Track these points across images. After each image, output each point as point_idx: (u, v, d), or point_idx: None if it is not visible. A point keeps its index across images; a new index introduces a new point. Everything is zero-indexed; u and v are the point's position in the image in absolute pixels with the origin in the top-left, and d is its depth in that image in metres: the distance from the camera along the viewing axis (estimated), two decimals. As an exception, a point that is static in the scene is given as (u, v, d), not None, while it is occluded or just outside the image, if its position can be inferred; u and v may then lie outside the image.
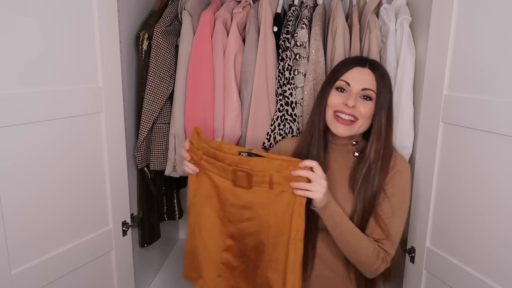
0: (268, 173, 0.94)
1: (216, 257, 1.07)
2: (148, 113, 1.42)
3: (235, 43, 1.38)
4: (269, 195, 0.96)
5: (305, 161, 0.90)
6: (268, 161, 0.94)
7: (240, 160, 0.97)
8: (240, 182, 0.98)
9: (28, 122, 0.98)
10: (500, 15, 0.91)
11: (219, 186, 1.03)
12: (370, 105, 1.00)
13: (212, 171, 1.03)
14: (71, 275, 1.17)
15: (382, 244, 0.98)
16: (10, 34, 0.92)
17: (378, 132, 1.00)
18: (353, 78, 1.01)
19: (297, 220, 0.94)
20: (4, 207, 0.95)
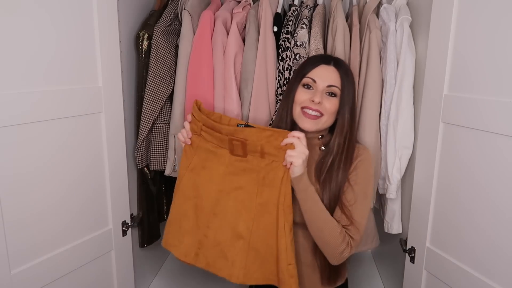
0: (259, 142, 1.01)
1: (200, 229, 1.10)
2: (148, 113, 1.42)
3: (235, 43, 1.38)
4: (260, 163, 1.03)
5: (293, 132, 0.97)
6: (260, 131, 1.01)
7: (235, 130, 1.03)
8: (236, 150, 1.05)
9: (28, 122, 0.98)
10: (500, 15, 0.91)
11: (216, 154, 1.09)
12: (334, 101, 1.06)
13: (211, 141, 1.09)
14: (71, 275, 1.17)
15: (348, 230, 1.03)
16: (10, 34, 0.92)
17: (341, 126, 1.07)
18: (319, 75, 1.06)
19: (285, 187, 1.01)
20: (4, 207, 0.95)
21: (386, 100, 1.30)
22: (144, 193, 1.57)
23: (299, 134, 0.96)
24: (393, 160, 1.30)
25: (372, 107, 1.30)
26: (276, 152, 1.01)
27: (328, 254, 1.04)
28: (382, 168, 1.34)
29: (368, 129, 1.30)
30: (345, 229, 1.02)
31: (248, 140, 1.02)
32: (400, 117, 1.27)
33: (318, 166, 1.09)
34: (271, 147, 1.01)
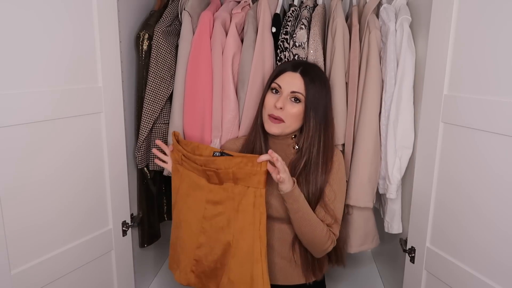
0: (230, 170, 1.05)
1: (190, 253, 1.17)
2: (149, 113, 1.42)
3: (233, 43, 1.38)
4: (235, 189, 1.08)
5: (261, 156, 1.01)
6: (230, 159, 1.05)
7: (207, 161, 1.09)
8: (212, 179, 1.10)
9: (28, 122, 0.98)
10: (500, 15, 0.91)
11: (197, 183, 1.14)
12: (299, 106, 1.12)
13: (191, 171, 1.15)
14: (71, 275, 1.17)
15: (331, 228, 1.12)
16: (10, 34, 0.92)
17: (307, 130, 1.12)
18: (284, 82, 1.13)
19: (259, 212, 1.05)
20: (4, 207, 0.95)
21: (386, 100, 1.30)
22: (144, 193, 1.57)
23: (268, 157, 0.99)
24: (393, 160, 1.30)
25: (372, 107, 1.30)
26: (247, 177, 1.04)
27: (314, 251, 1.14)
28: (382, 168, 1.34)
29: (368, 129, 1.30)
30: (329, 227, 1.11)
31: (220, 168, 1.06)
32: (400, 117, 1.27)
33: (293, 165, 1.15)
34: (242, 173, 1.05)
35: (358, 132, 1.32)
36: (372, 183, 1.34)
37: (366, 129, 1.30)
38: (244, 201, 1.06)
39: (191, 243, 1.17)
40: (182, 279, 1.20)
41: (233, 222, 1.09)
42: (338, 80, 1.31)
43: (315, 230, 1.07)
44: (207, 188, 1.12)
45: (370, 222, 1.42)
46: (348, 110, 1.34)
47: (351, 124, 1.34)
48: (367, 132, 1.30)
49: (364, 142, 1.31)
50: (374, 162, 1.32)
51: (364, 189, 1.32)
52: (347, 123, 1.34)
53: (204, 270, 1.16)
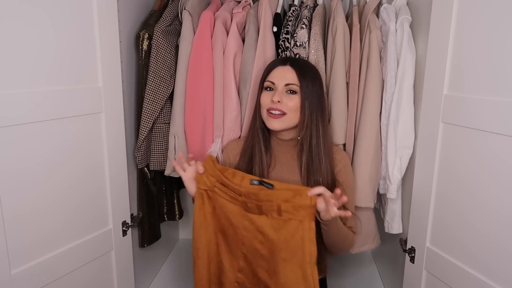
0: (276, 202, 1.01)
1: (231, 276, 1.13)
2: (149, 113, 1.42)
3: (234, 43, 1.38)
4: (278, 221, 1.03)
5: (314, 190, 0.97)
6: (276, 193, 1.02)
7: (249, 193, 1.04)
8: (251, 210, 1.06)
9: (28, 122, 0.98)
10: (500, 15, 0.91)
11: (232, 210, 1.09)
12: (295, 98, 1.12)
13: (225, 198, 1.10)
14: (71, 275, 1.17)
15: (352, 228, 1.18)
16: (10, 34, 0.92)
17: (303, 119, 1.12)
18: (276, 77, 1.13)
19: (309, 245, 1.00)
20: (4, 207, 0.95)
21: (386, 100, 1.30)
22: (144, 193, 1.57)
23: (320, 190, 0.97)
24: (394, 160, 1.30)
25: (372, 107, 1.30)
26: (294, 210, 1.00)
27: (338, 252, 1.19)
28: (382, 168, 1.34)
29: (369, 129, 1.30)
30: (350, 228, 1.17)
31: (264, 201, 1.02)
32: (400, 117, 1.27)
33: (299, 164, 1.17)
34: (289, 206, 1.00)
35: (359, 132, 1.32)
36: (373, 183, 1.33)
37: (367, 129, 1.30)
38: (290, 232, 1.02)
39: (231, 266, 1.13)
40: None
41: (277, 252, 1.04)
42: (339, 80, 1.31)
43: (345, 237, 1.13)
44: (244, 216, 1.08)
45: (371, 222, 1.42)
46: (349, 110, 1.34)
47: (352, 124, 1.34)
48: (368, 132, 1.30)
49: (365, 142, 1.31)
50: (375, 162, 1.32)
51: (365, 189, 1.32)
52: (348, 122, 1.34)
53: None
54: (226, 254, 1.14)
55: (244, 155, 1.22)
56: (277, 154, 1.21)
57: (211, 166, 1.12)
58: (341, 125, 1.33)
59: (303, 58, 1.30)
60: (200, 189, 1.13)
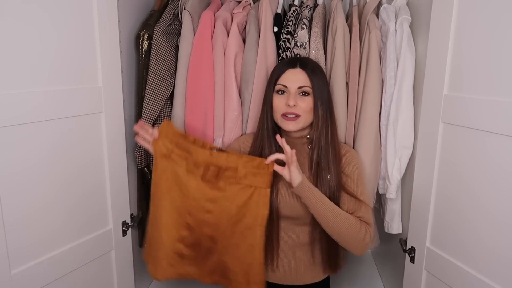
0: (236, 168, 1.07)
1: (169, 248, 1.15)
2: (149, 113, 1.42)
3: (235, 43, 1.38)
4: (234, 189, 1.08)
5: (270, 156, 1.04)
6: (238, 157, 1.07)
7: (211, 155, 1.08)
8: (209, 176, 1.09)
9: (28, 122, 0.98)
10: (500, 15, 0.91)
11: (184, 179, 1.11)
12: (308, 99, 1.13)
13: (181, 165, 1.11)
14: (71, 275, 1.17)
15: (362, 218, 1.10)
16: (10, 34, 0.92)
17: (317, 120, 1.14)
18: (288, 80, 1.14)
19: (263, 209, 1.07)
20: (4, 207, 0.95)
21: (386, 100, 1.30)
22: (144, 193, 1.57)
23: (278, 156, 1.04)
24: (393, 160, 1.30)
25: (371, 108, 1.30)
26: (252, 177, 1.06)
27: (352, 246, 1.10)
28: (382, 168, 1.34)
29: (368, 129, 1.30)
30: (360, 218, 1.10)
31: (225, 165, 1.07)
32: (400, 117, 1.27)
33: (310, 162, 1.17)
34: (248, 172, 1.06)
35: (358, 132, 1.32)
36: (372, 183, 1.34)
37: (366, 129, 1.30)
38: (244, 199, 1.07)
39: (169, 238, 1.14)
40: (160, 275, 1.18)
41: (225, 220, 1.10)
42: (339, 80, 1.31)
43: (341, 220, 1.06)
44: (196, 185, 1.10)
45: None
46: (349, 110, 1.34)
47: (351, 124, 1.34)
48: (367, 132, 1.30)
49: (364, 142, 1.31)
50: (374, 162, 1.32)
51: (364, 189, 1.32)
52: (348, 123, 1.34)
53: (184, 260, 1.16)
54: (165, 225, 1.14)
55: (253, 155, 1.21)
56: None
57: (170, 131, 1.13)
58: (340, 125, 1.32)
59: (309, 58, 1.29)
60: (155, 155, 1.13)
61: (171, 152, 1.11)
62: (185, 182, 1.11)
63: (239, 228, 1.09)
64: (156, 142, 1.12)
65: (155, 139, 1.12)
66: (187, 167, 1.11)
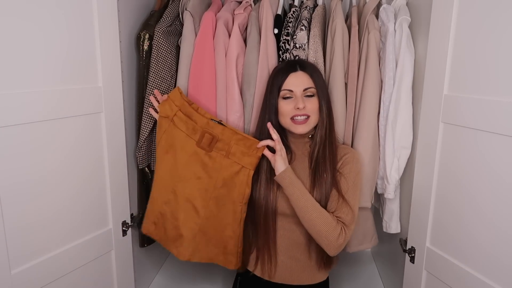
0: (229, 142, 1.13)
1: (156, 206, 1.27)
2: (149, 114, 1.42)
3: (237, 44, 1.38)
4: (223, 161, 1.15)
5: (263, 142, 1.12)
6: (233, 133, 1.13)
7: (210, 124, 1.16)
8: (203, 143, 1.16)
9: (28, 122, 0.98)
10: (500, 15, 0.91)
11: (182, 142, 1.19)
12: (314, 100, 1.18)
13: (180, 129, 1.18)
14: (71, 275, 1.16)
15: (342, 219, 1.12)
16: (10, 34, 0.92)
17: (322, 119, 1.18)
18: (293, 84, 1.17)
19: (245, 188, 1.15)
20: (4, 207, 0.95)
21: (384, 100, 1.30)
22: (144, 193, 1.57)
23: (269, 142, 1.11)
24: (392, 161, 1.30)
25: (370, 108, 1.30)
26: (241, 155, 1.13)
27: (325, 243, 1.10)
28: (380, 168, 1.34)
29: (366, 130, 1.30)
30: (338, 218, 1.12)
31: (219, 137, 1.13)
32: (398, 118, 1.27)
33: (310, 160, 1.21)
34: (238, 150, 1.13)
35: (357, 132, 1.32)
36: (370, 183, 1.34)
37: (365, 129, 1.30)
38: (230, 175, 1.14)
39: (160, 198, 1.25)
40: (144, 228, 1.30)
41: (211, 191, 1.17)
42: (338, 80, 1.31)
43: (317, 214, 1.08)
44: (192, 150, 1.18)
45: (368, 221, 1.42)
46: (347, 111, 1.34)
47: (350, 125, 1.34)
48: (366, 133, 1.30)
49: (362, 142, 1.31)
50: (372, 162, 1.32)
51: (362, 189, 1.32)
52: (346, 123, 1.35)
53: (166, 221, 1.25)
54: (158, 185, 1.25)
55: None
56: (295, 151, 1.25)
57: (178, 96, 1.21)
58: (339, 125, 1.33)
59: (305, 60, 1.31)
60: (159, 115, 1.23)
61: (173, 115, 1.19)
62: (181, 145, 1.18)
63: (222, 201, 1.17)
64: (163, 103, 1.22)
65: (163, 101, 1.23)
66: (186, 131, 1.18)
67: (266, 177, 1.18)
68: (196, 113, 1.18)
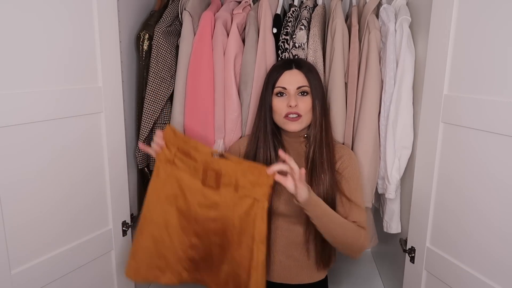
0: (234, 175, 1.03)
1: (181, 253, 1.15)
2: (149, 114, 1.42)
3: (235, 44, 1.38)
4: (234, 197, 1.04)
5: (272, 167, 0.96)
6: (236, 164, 1.03)
7: (211, 160, 1.06)
8: (209, 181, 1.07)
9: (28, 122, 0.98)
10: (500, 15, 0.91)
11: (188, 185, 1.10)
12: (308, 99, 1.16)
13: (183, 170, 1.10)
14: (71, 275, 1.17)
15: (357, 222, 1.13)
16: (10, 34, 0.92)
17: (315, 118, 1.17)
18: (287, 82, 1.16)
19: (260, 224, 1.02)
20: (4, 207, 0.95)
21: (385, 100, 1.30)
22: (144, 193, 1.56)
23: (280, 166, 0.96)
24: (393, 161, 1.30)
25: (371, 108, 1.30)
26: (251, 187, 1.01)
27: (350, 251, 1.13)
28: (381, 168, 1.34)
29: (367, 130, 1.30)
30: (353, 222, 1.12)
31: (223, 171, 1.04)
32: (399, 118, 1.27)
33: (306, 160, 1.19)
34: (247, 181, 1.01)
35: (357, 132, 1.32)
36: (371, 183, 1.34)
37: (365, 129, 1.30)
38: (244, 210, 1.03)
39: (181, 243, 1.14)
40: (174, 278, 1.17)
41: (230, 229, 1.07)
42: (338, 80, 1.31)
43: (345, 230, 1.08)
44: (200, 191, 1.09)
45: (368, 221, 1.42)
46: (348, 111, 1.34)
47: (350, 125, 1.34)
48: (366, 132, 1.30)
49: (363, 142, 1.31)
50: (373, 162, 1.32)
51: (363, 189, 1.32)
52: (347, 123, 1.34)
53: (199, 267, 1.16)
54: (176, 231, 1.13)
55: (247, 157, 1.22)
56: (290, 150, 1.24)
57: (172, 136, 1.11)
58: (339, 125, 1.33)
59: (302, 58, 1.31)
60: (159, 160, 1.11)
61: (174, 156, 1.11)
62: (188, 187, 1.10)
63: (245, 239, 1.05)
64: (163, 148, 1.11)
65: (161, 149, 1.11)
66: (189, 172, 1.09)
67: None
68: (194, 150, 1.08)
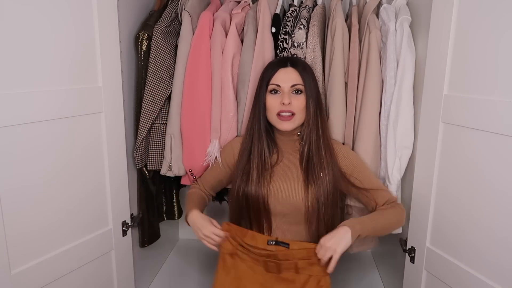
0: (293, 261, 1.11)
1: None
2: (147, 113, 1.42)
3: (233, 44, 1.38)
4: (296, 277, 1.13)
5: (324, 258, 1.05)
6: (292, 252, 1.11)
7: (268, 253, 1.13)
8: (271, 269, 1.15)
9: (28, 122, 0.98)
10: (500, 15, 0.91)
11: (250, 277, 1.17)
12: (302, 97, 1.17)
13: (245, 260, 1.18)
14: (71, 275, 1.17)
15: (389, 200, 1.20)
16: (10, 34, 0.92)
17: (308, 117, 1.18)
18: (281, 79, 1.17)
19: None
20: (4, 207, 0.95)
21: (386, 100, 1.30)
22: (144, 193, 1.57)
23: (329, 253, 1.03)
24: (393, 160, 1.30)
25: (371, 108, 1.30)
26: (310, 267, 1.10)
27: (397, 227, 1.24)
28: (382, 168, 1.34)
29: (368, 129, 1.30)
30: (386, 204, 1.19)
31: (282, 260, 1.12)
32: (400, 117, 1.27)
33: (300, 158, 1.21)
34: (305, 263, 1.10)
35: (358, 132, 1.32)
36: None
37: (366, 129, 1.30)
38: (309, 286, 1.12)
39: None
40: None
41: None
42: (338, 80, 1.31)
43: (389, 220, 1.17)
44: (263, 277, 1.16)
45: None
46: (348, 110, 1.34)
47: (350, 124, 1.34)
48: (367, 132, 1.30)
49: (364, 142, 1.31)
50: (373, 162, 1.32)
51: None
52: (347, 123, 1.34)
53: None
54: None
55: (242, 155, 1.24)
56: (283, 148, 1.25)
57: (230, 230, 1.18)
58: (339, 125, 1.33)
59: (298, 57, 1.32)
60: (223, 253, 1.19)
61: (236, 249, 1.17)
62: (253, 275, 1.17)
63: None
64: (224, 240, 1.17)
65: (223, 241, 1.17)
66: (251, 261, 1.17)
67: (257, 172, 1.19)
68: (250, 245, 1.16)
